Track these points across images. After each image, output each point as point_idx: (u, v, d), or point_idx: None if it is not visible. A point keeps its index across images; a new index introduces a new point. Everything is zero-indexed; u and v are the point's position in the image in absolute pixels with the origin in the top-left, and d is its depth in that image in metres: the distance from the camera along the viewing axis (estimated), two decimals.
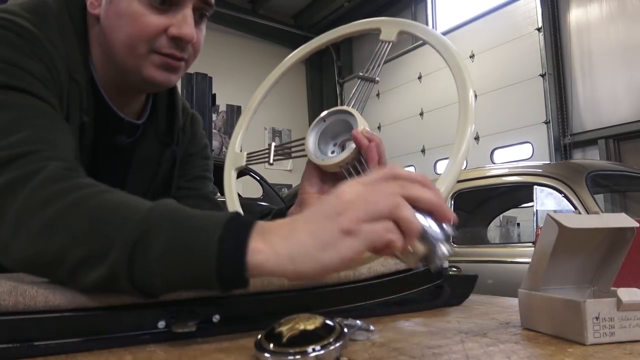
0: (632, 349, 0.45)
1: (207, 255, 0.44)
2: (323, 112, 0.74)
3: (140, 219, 0.47)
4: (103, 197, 0.51)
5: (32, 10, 0.70)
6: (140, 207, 0.48)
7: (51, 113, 0.64)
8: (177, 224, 0.46)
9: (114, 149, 0.81)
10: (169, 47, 0.71)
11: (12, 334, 0.46)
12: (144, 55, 0.71)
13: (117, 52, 0.72)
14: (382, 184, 0.45)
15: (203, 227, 0.45)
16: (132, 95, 0.81)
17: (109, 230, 0.47)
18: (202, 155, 0.95)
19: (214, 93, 4.50)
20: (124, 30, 0.70)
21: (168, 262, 0.45)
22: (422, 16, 8.35)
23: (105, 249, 0.47)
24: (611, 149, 5.90)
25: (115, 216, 0.48)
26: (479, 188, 3.14)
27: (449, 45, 0.68)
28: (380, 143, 0.69)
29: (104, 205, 0.50)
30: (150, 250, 0.45)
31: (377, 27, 0.75)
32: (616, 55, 5.87)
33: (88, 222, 0.49)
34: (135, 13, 0.69)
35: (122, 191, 0.53)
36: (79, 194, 0.51)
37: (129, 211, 0.48)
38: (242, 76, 8.74)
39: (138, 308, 0.51)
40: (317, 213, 0.45)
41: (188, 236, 0.45)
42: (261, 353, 0.40)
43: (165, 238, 0.45)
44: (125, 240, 0.46)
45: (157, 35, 0.70)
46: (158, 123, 0.87)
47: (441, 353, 0.44)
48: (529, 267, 0.56)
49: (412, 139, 8.02)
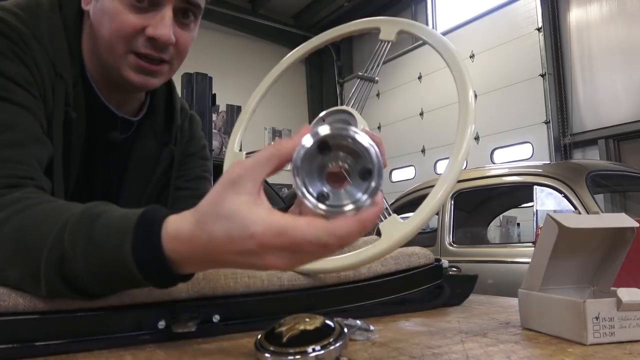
0: (632, 349, 0.45)
1: (124, 257, 0.44)
2: (322, 112, 0.74)
3: (56, 238, 0.47)
4: (26, 214, 0.52)
5: (23, 7, 0.70)
6: (57, 221, 0.49)
7: (21, 121, 0.63)
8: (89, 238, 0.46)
9: (108, 146, 0.81)
10: (146, 47, 0.70)
11: (12, 334, 0.46)
12: (122, 55, 0.71)
13: (100, 49, 0.72)
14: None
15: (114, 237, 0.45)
16: (124, 93, 0.80)
17: (32, 250, 0.48)
18: (200, 155, 0.95)
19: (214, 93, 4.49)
20: (106, 28, 0.70)
21: (94, 274, 0.46)
22: (422, 16, 8.35)
23: (35, 271, 0.48)
24: (611, 149, 5.90)
25: (36, 234, 0.49)
26: (479, 188, 3.14)
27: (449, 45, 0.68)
28: (380, 143, 0.69)
29: (25, 223, 0.51)
30: (74, 267, 0.46)
31: (377, 26, 0.75)
32: (616, 55, 5.86)
33: (14, 242, 0.50)
34: (115, 11, 0.69)
35: (49, 198, 0.55)
36: (5, 213, 0.52)
37: (48, 226, 0.49)
38: (242, 76, 8.72)
39: (138, 308, 0.51)
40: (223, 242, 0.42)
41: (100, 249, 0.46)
42: (261, 353, 0.40)
43: (82, 255, 0.46)
44: (48, 261, 0.47)
45: (134, 34, 0.69)
46: (156, 122, 0.87)
47: (441, 353, 0.44)
48: (529, 267, 0.56)
49: (412, 139, 8.01)
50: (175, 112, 0.89)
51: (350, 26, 0.79)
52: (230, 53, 8.86)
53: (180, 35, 0.72)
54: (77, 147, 0.74)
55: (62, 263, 0.46)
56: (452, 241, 3.05)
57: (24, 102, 0.64)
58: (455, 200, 3.11)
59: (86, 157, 0.77)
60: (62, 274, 0.47)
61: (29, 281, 0.48)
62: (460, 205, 3.24)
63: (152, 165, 0.87)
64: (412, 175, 7.97)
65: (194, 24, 0.75)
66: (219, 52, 8.40)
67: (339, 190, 0.42)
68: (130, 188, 0.84)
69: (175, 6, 0.70)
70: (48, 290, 0.48)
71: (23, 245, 0.49)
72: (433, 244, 3.10)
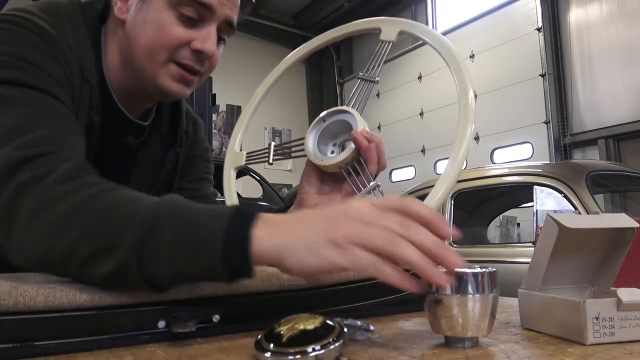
0: (632, 349, 0.45)
1: (213, 246, 0.46)
2: (323, 112, 0.74)
3: (148, 214, 0.49)
4: (111, 194, 0.53)
5: (47, 11, 0.72)
6: (147, 203, 0.50)
7: (65, 113, 0.66)
8: (184, 217, 0.48)
9: (120, 150, 0.83)
10: (190, 59, 0.74)
11: (12, 334, 0.46)
12: (163, 63, 0.74)
13: (137, 57, 0.74)
14: (389, 215, 0.45)
15: (210, 219, 0.47)
16: (144, 100, 0.83)
17: (117, 225, 0.49)
18: (203, 157, 0.98)
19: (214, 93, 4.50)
20: (149, 36, 0.73)
21: (176, 253, 0.47)
22: (422, 16, 8.35)
23: (114, 243, 0.48)
24: (611, 149, 5.90)
25: (123, 212, 0.50)
26: (479, 188, 3.14)
27: (449, 46, 0.68)
28: (380, 144, 0.69)
29: (111, 202, 0.52)
30: (158, 243, 0.47)
31: (377, 27, 0.75)
32: (616, 55, 5.86)
33: (97, 218, 0.51)
34: (162, 22, 0.72)
35: (129, 188, 0.55)
36: (88, 192, 0.53)
37: (136, 207, 0.50)
38: (242, 76, 8.73)
39: (138, 308, 0.51)
40: (318, 216, 0.47)
41: (195, 229, 0.47)
42: (261, 353, 0.40)
43: (172, 231, 0.47)
44: (133, 234, 0.48)
45: (179, 46, 0.73)
46: (162, 125, 0.89)
47: (441, 353, 0.44)
48: (529, 267, 0.56)
49: (412, 139, 8.02)
50: (181, 115, 0.92)
51: (351, 26, 0.79)
52: (230, 53, 8.84)
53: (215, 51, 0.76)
54: (93, 150, 0.76)
55: (148, 236, 0.47)
56: (452, 241, 3.05)
57: (64, 99, 0.67)
58: (455, 200, 3.11)
59: (99, 160, 0.78)
60: (142, 247, 0.47)
61: (101, 256, 0.49)
62: (460, 205, 3.24)
63: (158, 167, 0.89)
64: (412, 175, 7.98)
65: (224, 42, 0.80)
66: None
67: None
68: (135, 189, 0.85)
69: (218, 26, 0.75)
70: (115, 267, 0.48)
71: (108, 222, 0.50)
72: None
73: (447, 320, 0.45)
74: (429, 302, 0.47)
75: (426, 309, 0.48)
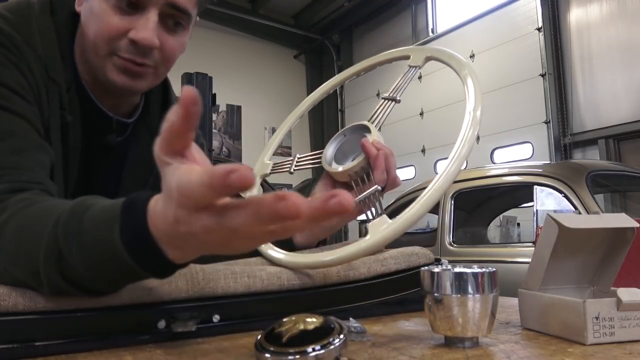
0: (632, 349, 0.45)
1: (117, 253, 0.43)
2: (346, 126, 0.79)
3: (50, 239, 0.46)
4: (25, 213, 0.52)
5: (13, 11, 0.70)
6: (50, 219, 0.48)
7: (17, 127, 0.63)
8: (80, 231, 0.45)
9: (105, 149, 0.81)
10: (128, 51, 0.69)
11: (12, 334, 0.46)
12: (105, 56, 0.70)
13: (87, 50, 0.72)
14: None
15: (104, 225, 0.44)
16: (115, 96, 0.79)
17: (30, 249, 0.48)
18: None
19: (214, 93, 4.50)
20: (92, 29, 0.70)
21: (91, 268, 0.45)
22: (422, 16, 8.34)
23: (35, 270, 0.47)
24: (611, 149, 5.89)
25: (32, 233, 0.49)
26: (479, 188, 3.14)
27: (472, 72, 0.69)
28: (390, 155, 0.69)
29: (24, 223, 0.51)
30: (71, 263, 0.45)
31: (407, 54, 0.81)
32: (616, 55, 5.86)
33: (16, 242, 0.50)
34: (99, 12, 0.68)
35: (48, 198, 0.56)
36: (8, 213, 0.53)
37: (43, 224, 0.48)
38: (242, 76, 8.73)
39: (138, 308, 0.51)
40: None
41: (92, 239, 0.44)
42: (261, 353, 0.40)
43: (76, 249, 0.45)
44: (46, 259, 0.46)
45: (117, 37, 0.69)
46: (151, 121, 0.86)
47: (441, 353, 0.44)
48: (529, 267, 0.56)
49: (412, 139, 8.01)
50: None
51: (383, 56, 0.86)
52: (230, 53, 8.86)
53: (166, 40, 0.71)
54: (75, 151, 0.75)
55: (60, 260, 0.46)
56: (452, 241, 3.05)
57: (21, 110, 0.64)
58: (455, 200, 3.11)
59: (84, 160, 0.77)
60: (61, 271, 0.46)
61: (32, 280, 0.48)
62: (460, 205, 3.24)
63: (149, 164, 0.86)
64: (412, 175, 7.97)
65: (184, 29, 0.74)
66: (219, 52, 8.40)
67: None
68: (128, 189, 0.84)
69: (161, 11, 0.69)
70: (51, 288, 0.48)
71: (23, 245, 0.49)
72: (433, 244, 3.10)
73: (447, 320, 0.45)
74: (429, 302, 0.47)
75: (426, 309, 0.48)
